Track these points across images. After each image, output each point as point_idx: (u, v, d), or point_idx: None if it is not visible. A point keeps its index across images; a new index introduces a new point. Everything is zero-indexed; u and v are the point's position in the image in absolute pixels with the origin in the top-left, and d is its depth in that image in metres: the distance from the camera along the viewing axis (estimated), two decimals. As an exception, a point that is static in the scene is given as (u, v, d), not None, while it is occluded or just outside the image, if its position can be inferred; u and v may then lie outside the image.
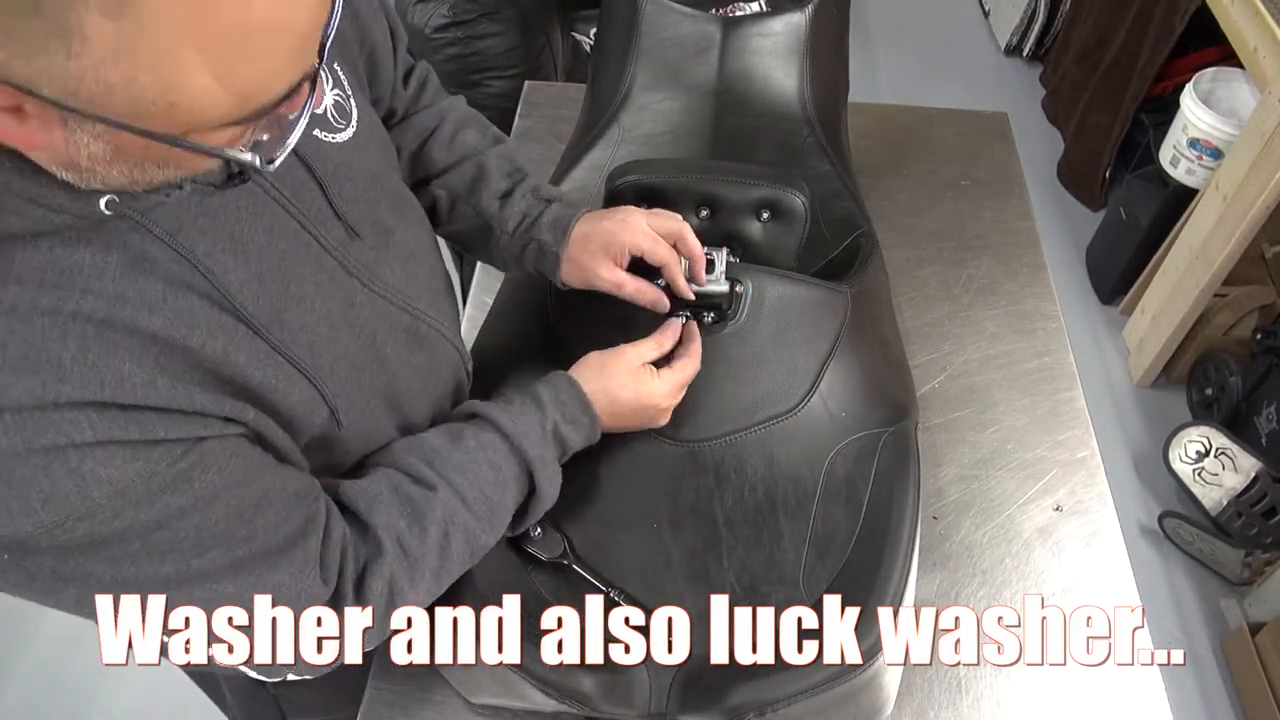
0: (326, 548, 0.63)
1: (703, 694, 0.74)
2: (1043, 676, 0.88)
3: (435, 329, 0.77)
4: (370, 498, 0.68)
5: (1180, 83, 2.09)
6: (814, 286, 0.92)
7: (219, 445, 0.55)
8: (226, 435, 0.56)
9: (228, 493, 0.55)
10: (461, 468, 0.71)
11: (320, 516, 0.63)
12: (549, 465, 0.76)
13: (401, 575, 0.67)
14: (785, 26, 1.14)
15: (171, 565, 0.54)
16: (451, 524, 0.69)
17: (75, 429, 0.48)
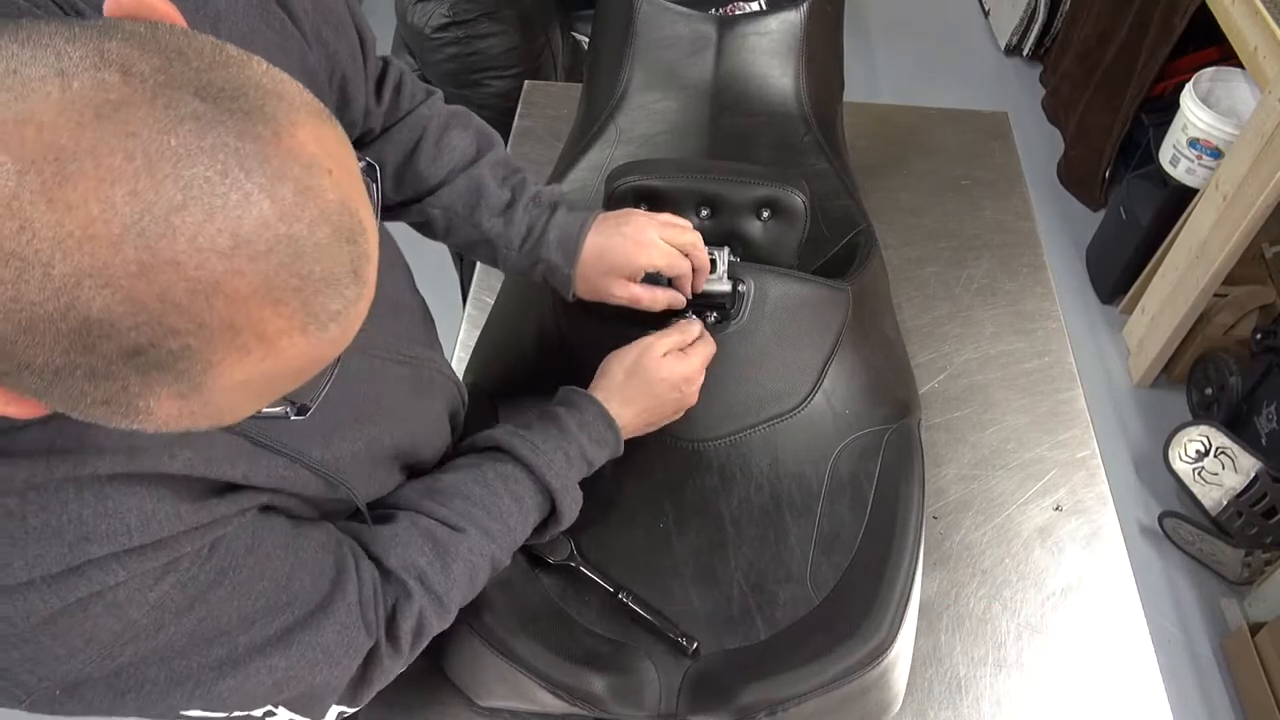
0: (363, 594, 0.62)
1: (713, 693, 0.74)
2: (1043, 676, 0.88)
3: (432, 368, 0.77)
4: (386, 541, 0.67)
5: (1180, 83, 2.09)
6: (815, 285, 0.92)
7: (240, 531, 0.55)
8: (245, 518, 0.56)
9: (260, 568, 0.55)
10: (484, 503, 0.71)
11: (350, 563, 0.63)
12: (571, 490, 0.76)
13: (430, 613, 0.67)
14: (781, 25, 1.14)
15: (220, 648, 0.53)
16: (479, 557, 0.70)
17: (107, 575, 0.47)
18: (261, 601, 0.55)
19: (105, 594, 0.47)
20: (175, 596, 0.50)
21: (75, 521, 0.46)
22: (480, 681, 0.79)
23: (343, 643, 0.60)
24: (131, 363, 0.35)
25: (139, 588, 0.49)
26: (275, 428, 0.57)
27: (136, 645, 0.49)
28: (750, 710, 0.71)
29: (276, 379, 0.40)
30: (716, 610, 0.82)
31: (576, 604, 0.83)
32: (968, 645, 0.89)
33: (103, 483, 0.48)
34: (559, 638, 0.77)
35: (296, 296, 0.37)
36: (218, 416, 0.40)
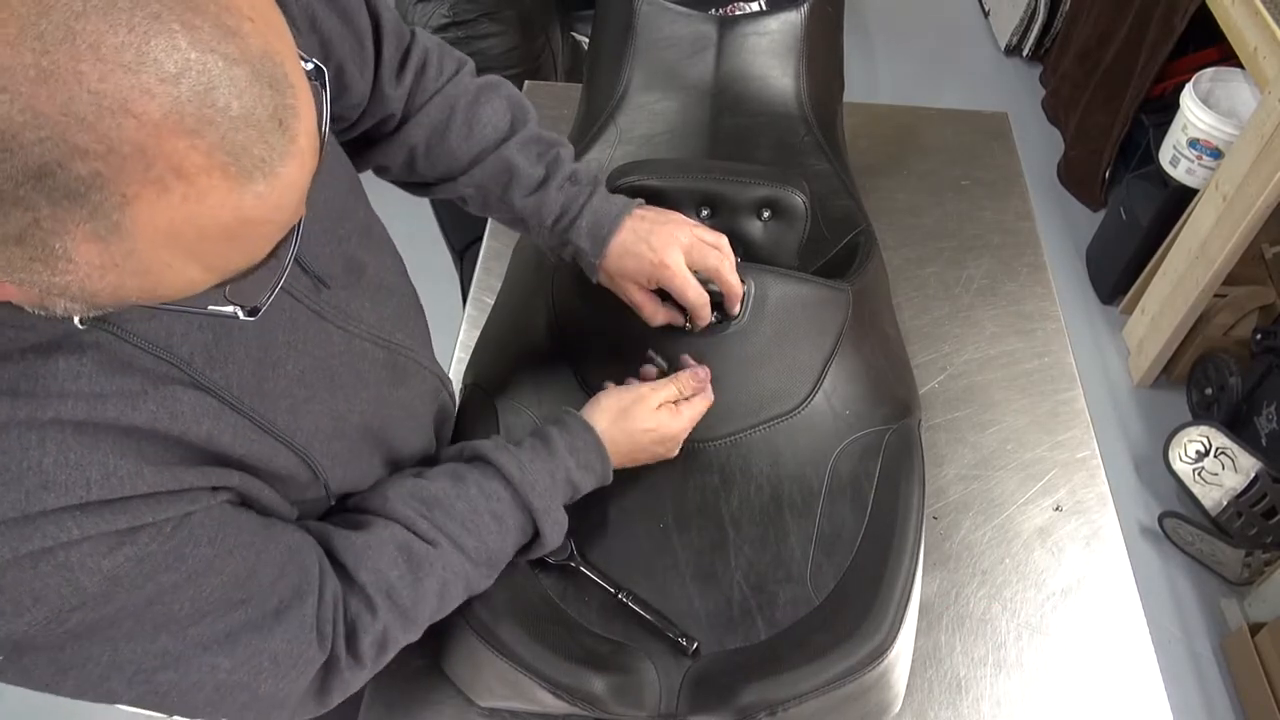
0: (321, 609, 0.61)
1: (713, 693, 0.74)
2: (1043, 676, 0.88)
3: (413, 359, 0.76)
4: (359, 552, 0.66)
5: (1180, 83, 2.09)
6: (815, 285, 0.92)
7: (206, 516, 0.54)
8: (213, 505, 0.55)
9: (220, 562, 0.54)
10: (463, 518, 0.70)
11: (314, 574, 0.62)
12: (554, 513, 0.75)
13: (395, 628, 0.66)
14: (781, 25, 1.14)
15: (167, 638, 0.52)
16: (451, 574, 0.69)
17: (61, 531, 0.46)
18: (217, 595, 0.54)
19: (58, 551, 0.46)
20: (130, 571, 0.49)
21: (35, 469, 0.46)
22: (480, 681, 0.79)
23: (291, 654, 0.59)
24: (40, 186, 0.34)
25: (93, 552, 0.48)
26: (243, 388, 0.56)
27: (84, 614, 0.48)
28: (750, 710, 0.71)
29: (205, 234, 0.38)
30: (717, 610, 0.82)
31: (576, 604, 0.83)
32: (968, 645, 0.89)
33: (65, 431, 0.47)
34: (559, 638, 0.77)
35: (213, 130, 0.36)
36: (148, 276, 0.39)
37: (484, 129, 0.82)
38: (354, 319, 0.68)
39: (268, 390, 0.59)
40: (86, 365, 0.49)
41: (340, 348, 0.67)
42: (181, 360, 0.53)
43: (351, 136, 0.81)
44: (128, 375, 0.50)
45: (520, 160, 0.82)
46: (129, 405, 0.50)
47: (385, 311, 0.74)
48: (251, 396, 0.57)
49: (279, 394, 0.60)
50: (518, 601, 0.78)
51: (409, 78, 0.80)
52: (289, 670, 0.59)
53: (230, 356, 0.56)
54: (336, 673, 0.63)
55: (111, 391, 0.49)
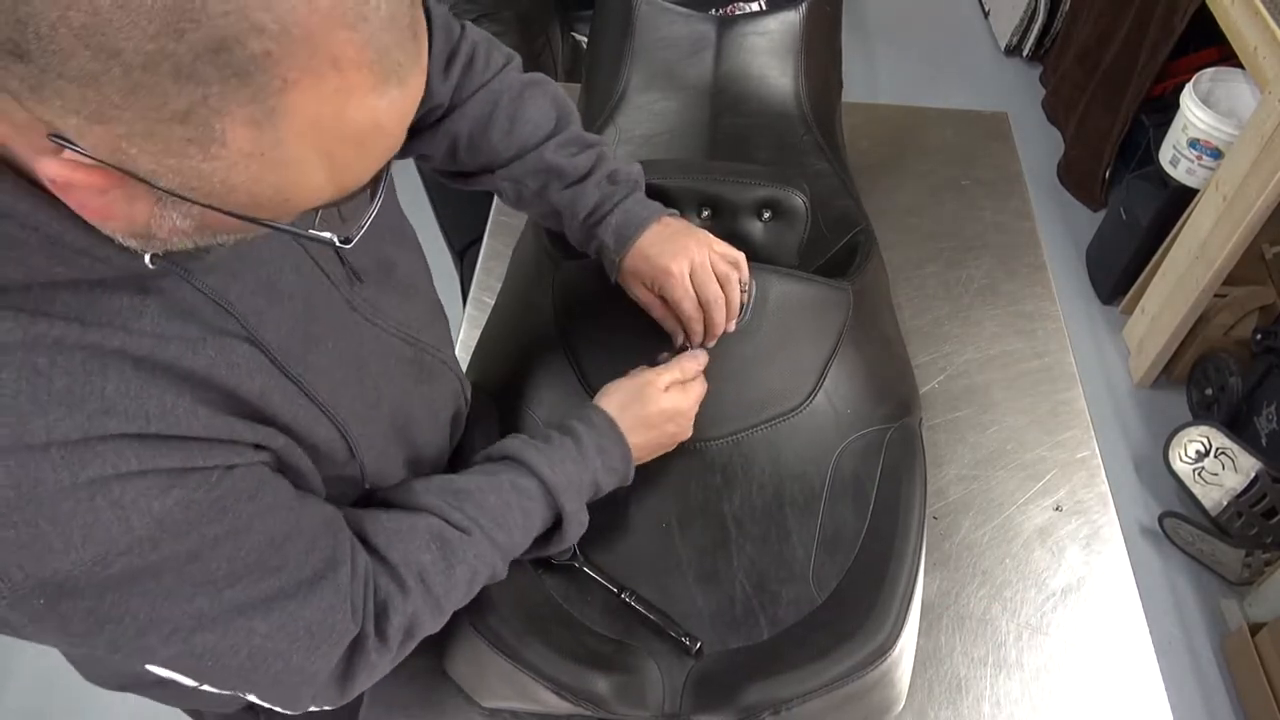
0: (354, 582, 0.62)
1: (717, 693, 0.74)
2: (1043, 676, 0.88)
3: (437, 358, 0.77)
4: (390, 534, 0.67)
5: (1180, 83, 2.09)
6: (816, 284, 0.92)
7: (248, 473, 0.55)
8: (255, 463, 0.56)
9: (259, 520, 0.55)
10: (495, 513, 0.71)
11: (346, 546, 0.62)
12: (580, 514, 0.76)
13: (424, 612, 0.66)
14: (780, 25, 1.14)
15: (204, 599, 0.53)
16: (481, 564, 0.69)
17: (120, 459, 0.47)
18: (253, 557, 0.55)
19: (114, 484, 0.47)
20: (177, 517, 0.50)
21: (98, 395, 0.47)
22: (483, 681, 0.79)
23: (326, 623, 0.59)
24: (216, 60, 0.36)
25: (146, 492, 0.48)
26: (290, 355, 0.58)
27: (129, 560, 0.48)
28: (754, 710, 0.71)
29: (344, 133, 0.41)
30: (719, 610, 0.82)
31: (579, 604, 0.83)
32: (968, 645, 0.89)
33: (126, 363, 0.48)
34: (562, 638, 0.77)
35: (366, 26, 0.39)
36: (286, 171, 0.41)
37: (526, 126, 0.84)
38: (383, 315, 0.70)
39: (311, 363, 0.60)
40: (150, 306, 0.50)
41: (370, 340, 0.68)
42: (239, 313, 0.54)
43: None
44: (188, 322, 0.52)
45: (559, 159, 0.84)
46: (188, 349, 0.51)
47: (412, 310, 0.75)
48: (298, 364, 0.58)
49: (320, 369, 0.61)
50: (521, 601, 0.78)
51: (457, 70, 0.82)
52: (323, 641, 0.59)
53: (280, 323, 0.58)
54: (363, 653, 0.63)
55: (173, 334, 0.51)
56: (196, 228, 0.45)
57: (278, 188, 0.42)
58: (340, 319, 0.65)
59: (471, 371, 1.01)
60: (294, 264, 0.60)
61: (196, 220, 0.44)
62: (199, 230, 0.45)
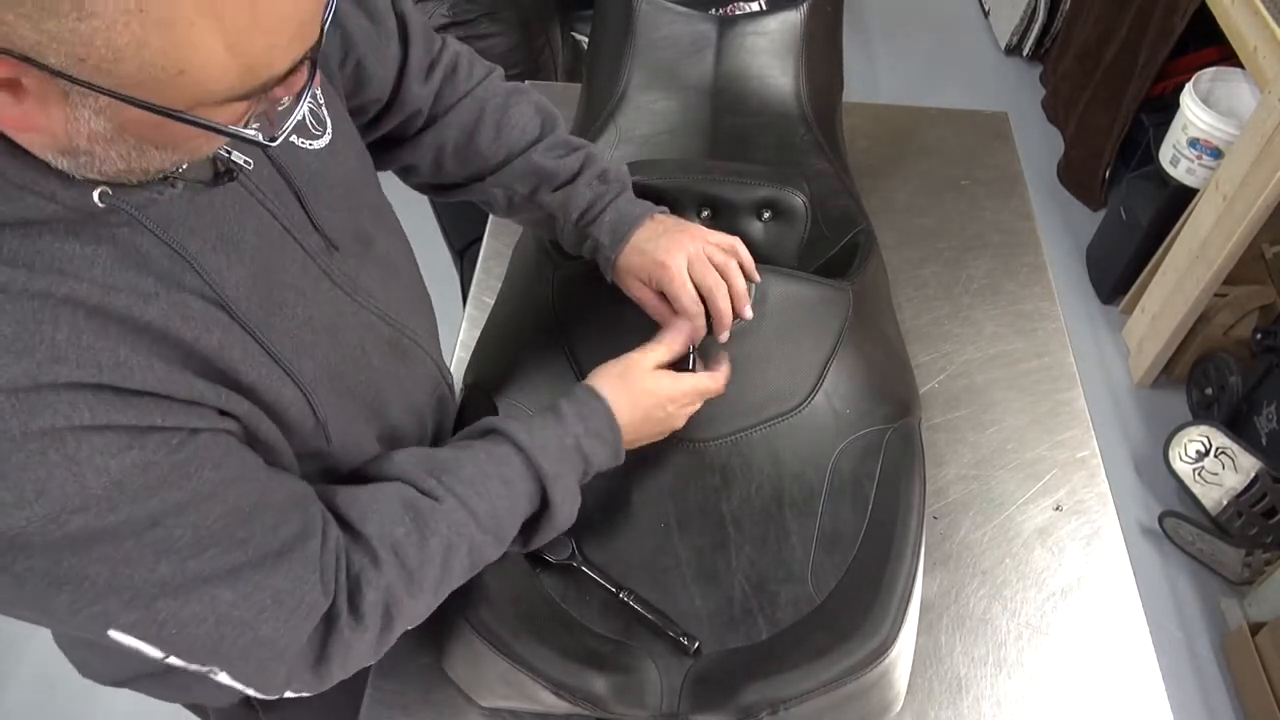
0: (324, 554, 0.61)
1: (715, 692, 0.74)
2: (1043, 676, 0.88)
3: (414, 341, 0.77)
4: (364, 506, 0.66)
5: (1180, 83, 2.09)
6: (816, 284, 0.92)
7: (213, 440, 0.54)
8: (220, 430, 0.55)
9: (224, 490, 0.54)
10: (471, 480, 0.69)
11: (317, 521, 0.62)
12: (564, 479, 0.73)
13: (399, 587, 0.64)
14: (780, 25, 1.14)
15: (167, 566, 0.52)
16: (456, 536, 0.67)
17: (73, 410, 0.46)
18: (218, 526, 0.54)
19: (67, 437, 0.46)
20: (135, 479, 0.49)
21: (48, 343, 0.46)
22: (481, 681, 0.80)
23: (295, 593, 0.58)
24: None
25: (102, 449, 0.47)
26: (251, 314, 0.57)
27: (85, 519, 0.47)
28: (752, 709, 0.71)
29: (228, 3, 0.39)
30: (718, 610, 0.82)
31: (578, 604, 0.83)
32: (968, 645, 0.89)
33: (78, 312, 0.47)
34: (561, 638, 0.77)
35: None
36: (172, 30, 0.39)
37: (512, 132, 0.85)
38: (362, 290, 0.70)
39: (274, 325, 0.59)
40: (102, 255, 0.49)
41: (347, 313, 0.68)
42: (198, 265, 0.54)
43: (379, 134, 0.83)
44: (143, 273, 0.51)
45: (548, 162, 0.85)
46: (140, 300, 0.50)
47: (393, 290, 0.75)
48: (260, 324, 0.58)
49: (284, 331, 0.60)
50: (519, 601, 0.78)
51: (438, 78, 0.83)
52: (291, 612, 0.58)
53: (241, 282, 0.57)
54: (337, 631, 0.61)
55: (125, 285, 0.50)
56: (116, 130, 0.44)
57: (169, 55, 0.40)
58: (313, 286, 0.64)
59: (471, 371, 1.01)
60: (256, 226, 0.60)
61: (112, 121, 0.43)
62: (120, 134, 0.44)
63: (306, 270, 0.64)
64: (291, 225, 0.63)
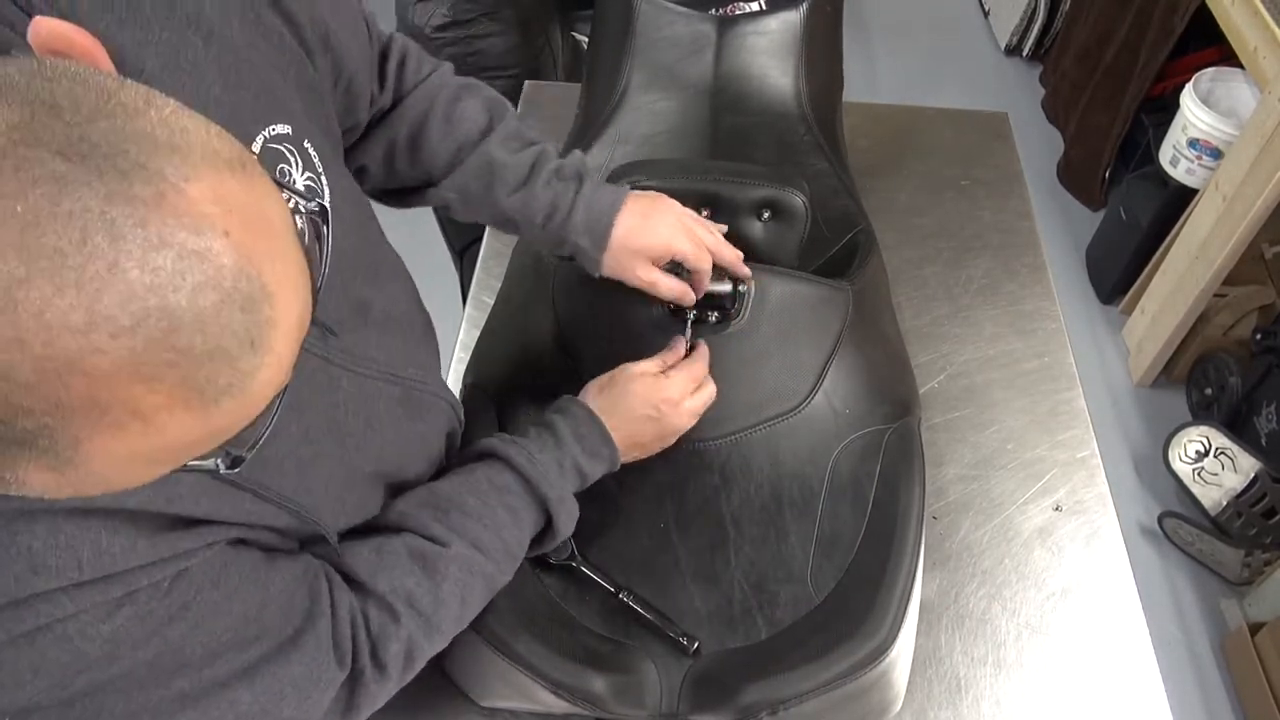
0: (337, 627, 0.61)
1: (714, 693, 0.74)
2: (1043, 676, 0.88)
3: (427, 391, 0.74)
4: (373, 564, 0.66)
5: (1180, 83, 2.09)
6: (816, 284, 0.92)
7: (205, 565, 0.53)
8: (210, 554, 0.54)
9: (226, 604, 0.54)
10: (478, 515, 0.70)
11: (324, 594, 0.61)
12: (566, 502, 0.75)
13: (419, 635, 0.65)
14: (780, 25, 1.14)
15: (183, 681, 0.51)
16: (469, 575, 0.68)
17: (56, 608, 0.45)
18: (228, 636, 0.53)
19: (54, 626, 0.45)
20: (132, 630, 0.48)
21: (24, 554, 0.44)
22: (481, 681, 0.79)
23: (311, 676, 0.58)
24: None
25: (90, 621, 0.47)
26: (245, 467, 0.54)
27: (90, 675, 0.47)
28: (751, 710, 0.71)
29: (170, 451, 0.37)
30: (717, 610, 0.82)
31: (577, 604, 0.83)
32: (968, 645, 0.89)
33: (56, 515, 0.45)
34: (560, 637, 0.77)
35: (173, 372, 0.33)
36: (109, 485, 0.37)
37: (463, 124, 0.80)
38: (363, 360, 0.66)
39: (269, 458, 0.56)
40: None
41: (350, 392, 0.65)
42: None
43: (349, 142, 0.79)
44: None
45: (501, 155, 0.80)
46: (121, 493, 0.46)
47: (394, 345, 0.71)
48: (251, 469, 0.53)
49: (281, 458, 0.58)
50: (519, 601, 0.78)
51: (390, 77, 0.79)
52: (310, 692, 0.58)
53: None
54: (362, 686, 0.62)
55: None
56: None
57: (106, 489, 0.37)
58: (310, 385, 0.61)
59: (471, 371, 1.01)
60: None
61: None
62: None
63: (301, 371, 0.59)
64: None
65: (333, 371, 0.63)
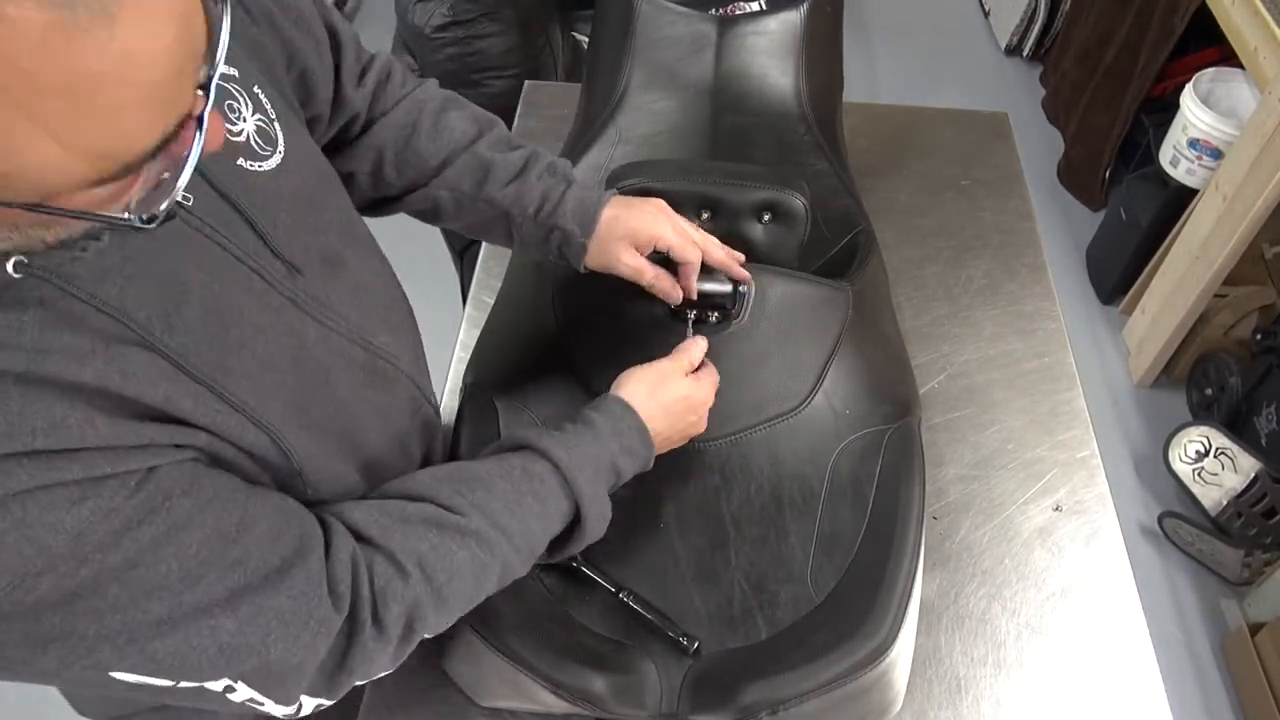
0: (332, 565, 0.58)
1: (714, 693, 0.74)
2: (1043, 676, 0.88)
3: (391, 363, 0.73)
4: (385, 524, 0.64)
5: (1180, 83, 2.09)
6: (816, 285, 0.92)
7: (176, 470, 0.52)
8: (183, 460, 0.52)
9: (200, 515, 0.52)
10: (505, 498, 0.67)
11: (317, 535, 0.59)
12: (599, 500, 0.72)
13: (426, 602, 0.62)
14: (780, 25, 1.14)
15: (161, 604, 0.49)
16: (488, 554, 0.66)
17: (9, 479, 0.44)
18: (204, 554, 0.51)
19: (9, 503, 0.44)
20: (98, 528, 0.46)
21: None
22: (481, 681, 0.80)
23: (300, 612, 0.55)
24: None
25: (50, 505, 0.45)
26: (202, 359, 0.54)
27: (55, 579, 0.45)
28: (752, 710, 0.71)
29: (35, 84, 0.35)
30: (718, 610, 0.82)
31: (577, 604, 0.83)
32: (968, 645, 0.89)
33: (6, 381, 0.44)
34: (560, 637, 0.77)
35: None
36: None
37: (451, 133, 0.83)
38: (332, 312, 0.66)
39: (231, 367, 0.56)
40: (29, 320, 0.46)
41: (314, 340, 0.64)
42: (134, 321, 0.50)
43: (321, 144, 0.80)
44: (75, 333, 0.48)
45: (493, 154, 0.82)
46: (74, 362, 0.47)
47: (367, 311, 0.71)
48: (212, 368, 0.55)
49: (243, 374, 0.57)
50: (519, 601, 0.78)
51: (371, 81, 0.81)
52: (300, 631, 0.55)
53: (190, 327, 0.54)
54: (359, 643, 0.59)
55: (56, 348, 0.47)
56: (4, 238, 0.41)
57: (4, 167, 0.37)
58: (274, 318, 0.61)
59: (471, 371, 1.01)
60: (203, 262, 0.56)
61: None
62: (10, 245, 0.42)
63: (267, 301, 0.60)
64: (246, 255, 0.59)
65: (300, 315, 0.63)
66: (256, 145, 0.63)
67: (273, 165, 0.64)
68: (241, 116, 0.60)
